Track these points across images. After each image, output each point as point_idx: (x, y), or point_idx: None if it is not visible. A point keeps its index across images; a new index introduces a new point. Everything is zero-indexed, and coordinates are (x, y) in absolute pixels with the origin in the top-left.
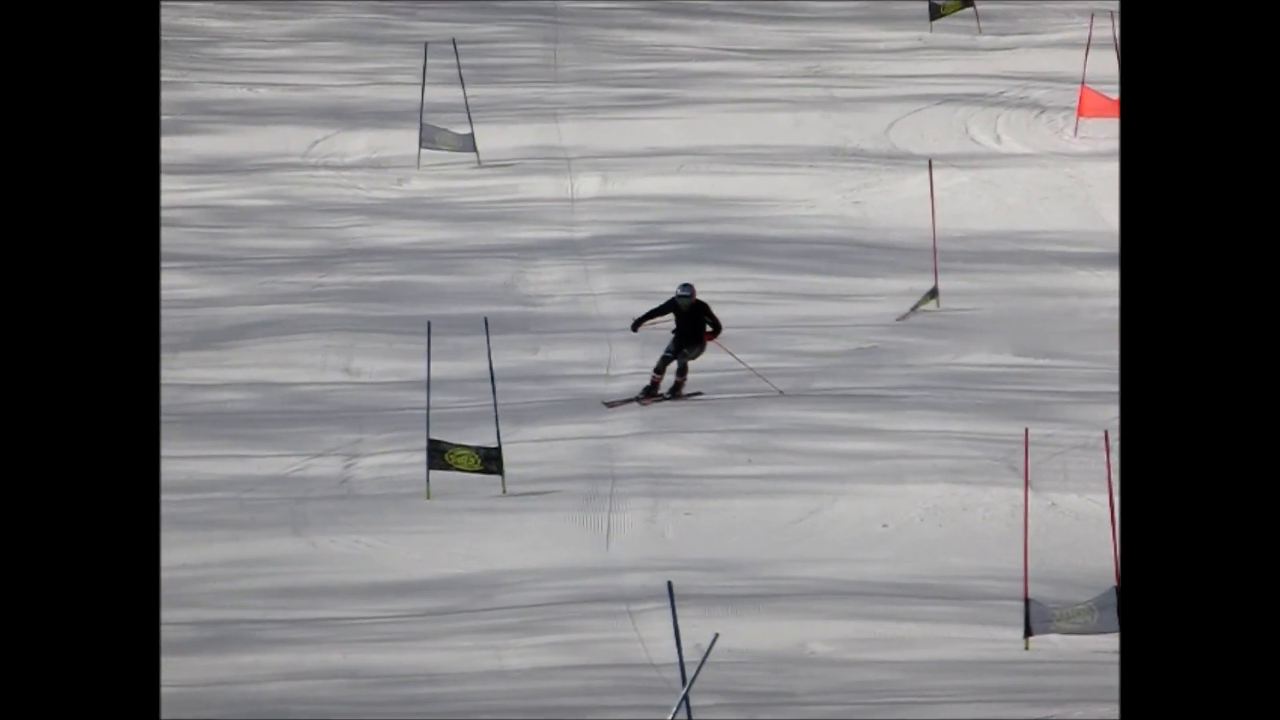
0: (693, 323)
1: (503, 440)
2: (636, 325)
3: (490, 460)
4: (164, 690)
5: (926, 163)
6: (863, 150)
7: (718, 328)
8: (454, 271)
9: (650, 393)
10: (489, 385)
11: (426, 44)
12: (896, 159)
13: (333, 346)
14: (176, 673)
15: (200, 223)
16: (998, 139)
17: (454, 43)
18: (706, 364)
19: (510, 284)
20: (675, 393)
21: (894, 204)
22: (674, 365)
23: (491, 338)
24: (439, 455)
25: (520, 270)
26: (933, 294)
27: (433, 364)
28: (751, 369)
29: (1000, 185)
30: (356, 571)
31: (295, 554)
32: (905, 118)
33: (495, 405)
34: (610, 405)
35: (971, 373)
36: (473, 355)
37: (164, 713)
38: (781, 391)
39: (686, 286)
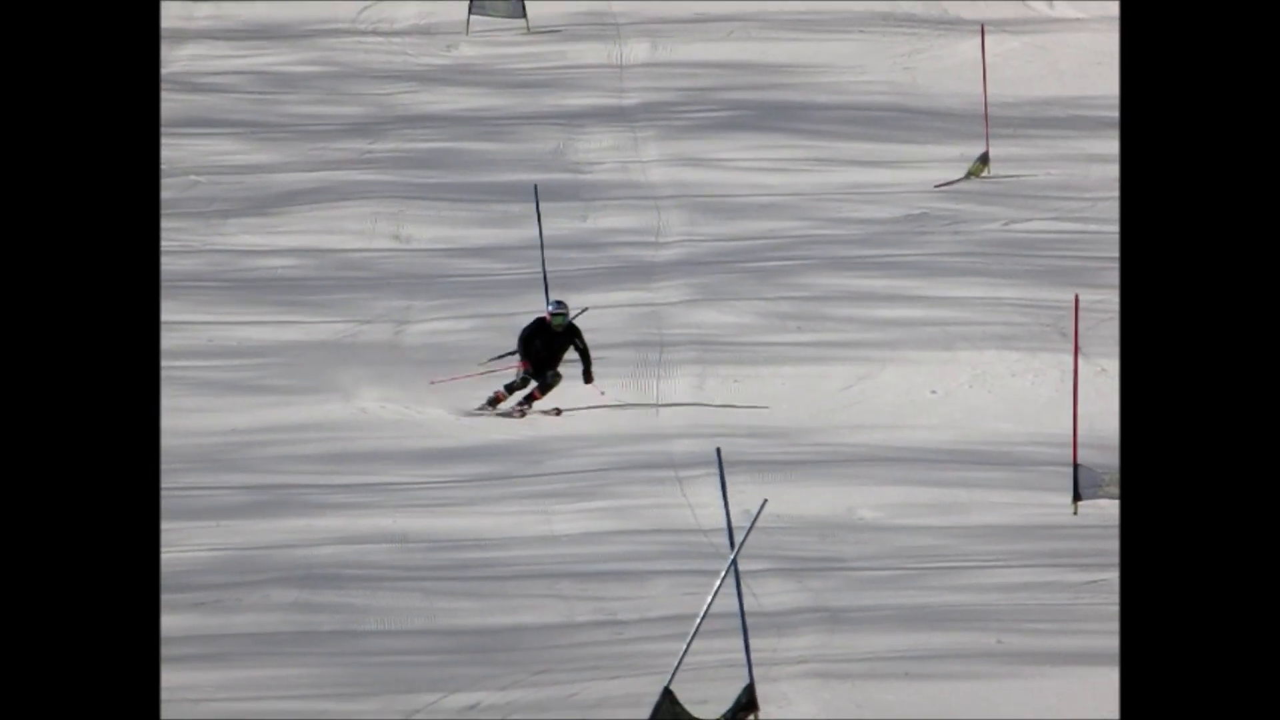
0: (560, 347)
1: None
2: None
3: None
4: (217, 554)
5: (979, 28)
6: (914, 15)
7: (589, 359)
8: (502, 139)
9: (493, 405)
10: (538, 253)
11: None
12: (948, 24)
13: (382, 213)
14: (229, 536)
15: (249, 88)
16: (1050, 4)
17: None
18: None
19: (559, 151)
20: (527, 403)
21: (945, 69)
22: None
23: (541, 205)
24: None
25: (569, 137)
26: (983, 160)
27: (481, 231)
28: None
29: (1053, 50)
30: (407, 437)
31: (346, 420)
32: None
33: (544, 273)
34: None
35: (1022, 239)
36: (521, 223)
37: (221, 578)
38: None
39: (560, 304)
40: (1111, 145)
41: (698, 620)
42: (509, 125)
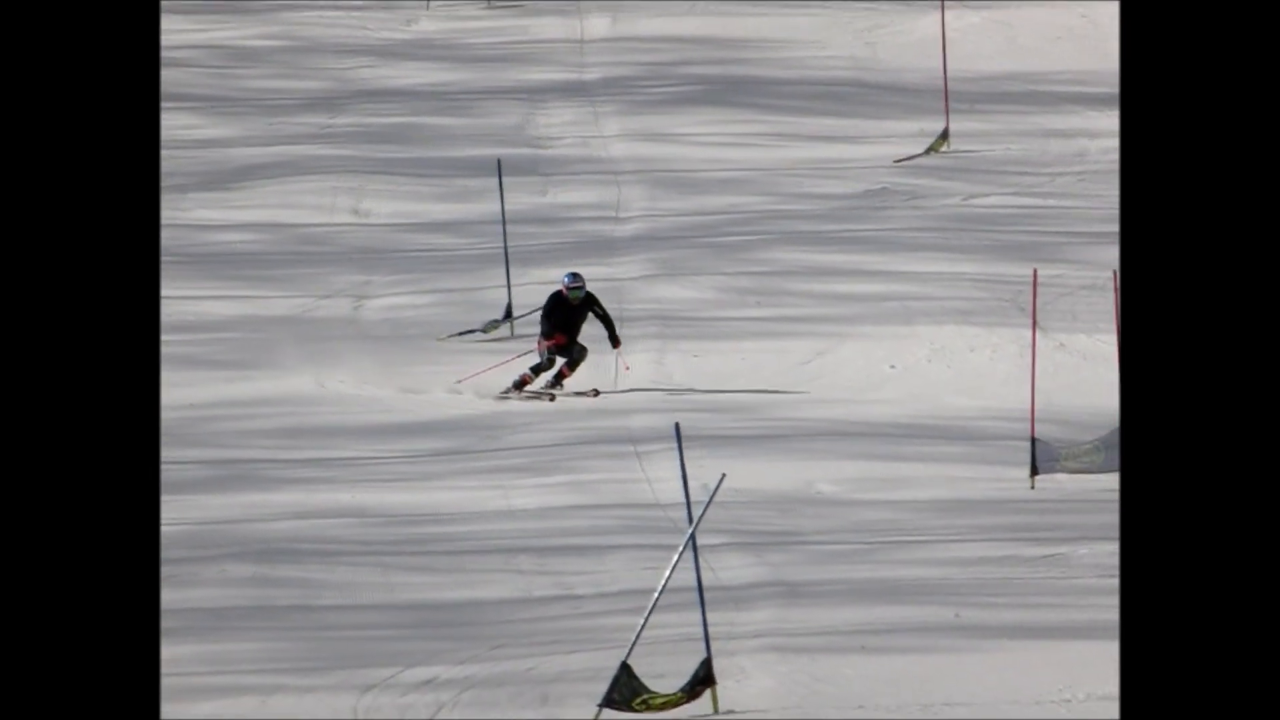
0: (580, 318)
1: (511, 283)
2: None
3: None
4: (174, 528)
5: (939, 3)
6: None
7: (612, 324)
8: (463, 113)
9: (520, 386)
10: (498, 228)
11: None
12: None
13: (341, 188)
14: (186, 511)
15: (207, 63)
16: None
17: None
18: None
19: (519, 126)
20: (559, 382)
21: (906, 45)
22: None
23: (500, 180)
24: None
25: (529, 112)
26: (943, 135)
27: (440, 206)
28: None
29: (1013, 26)
30: (364, 412)
31: (303, 394)
32: None
33: (505, 248)
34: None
35: (980, 214)
36: (481, 198)
37: (178, 552)
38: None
39: (576, 276)
40: (1070, 120)
41: (655, 594)
42: (469, 100)
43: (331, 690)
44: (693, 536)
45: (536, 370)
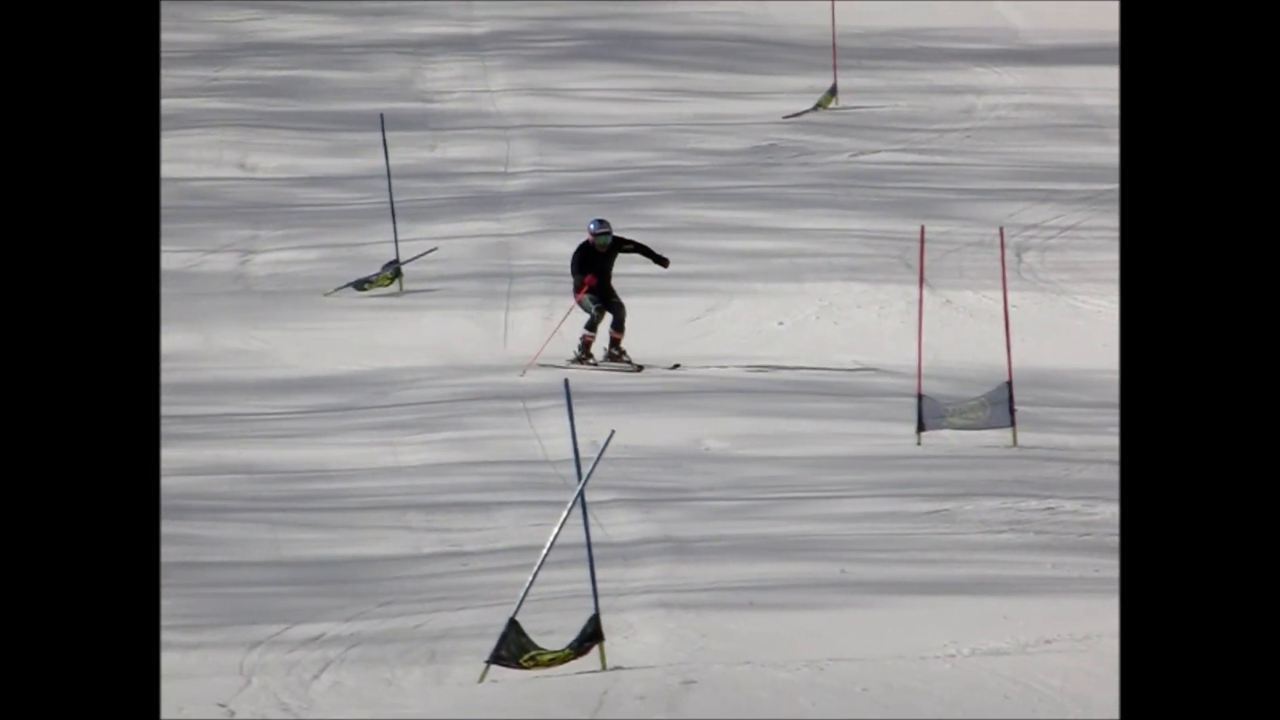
0: (610, 263)
1: (399, 238)
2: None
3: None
4: None
5: None
6: None
7: (647, 248)
8: (350, 67)
9: (586, 351)
10: (385, 183)
11: None
12: None
13: (227, 142)
14: None
15: None
16: None
17: None
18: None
19: (407, 80)
20: (616, 349)
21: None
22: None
23: (388, 134)
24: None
25: (418, 66)
26: (832, 91)
27: (327, 160)
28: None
29: None
30: (251, 368)
31: (190, 349)
32: None
33: (392, 203)
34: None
35: (868, 170)
36: (368, 152)
37: None
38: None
39: (602, 223)
40: (957, 77)
41: (544, 551)
42: (356, 53)
43: (218, 647)
44: (581, 493)
45: (591, 326)
